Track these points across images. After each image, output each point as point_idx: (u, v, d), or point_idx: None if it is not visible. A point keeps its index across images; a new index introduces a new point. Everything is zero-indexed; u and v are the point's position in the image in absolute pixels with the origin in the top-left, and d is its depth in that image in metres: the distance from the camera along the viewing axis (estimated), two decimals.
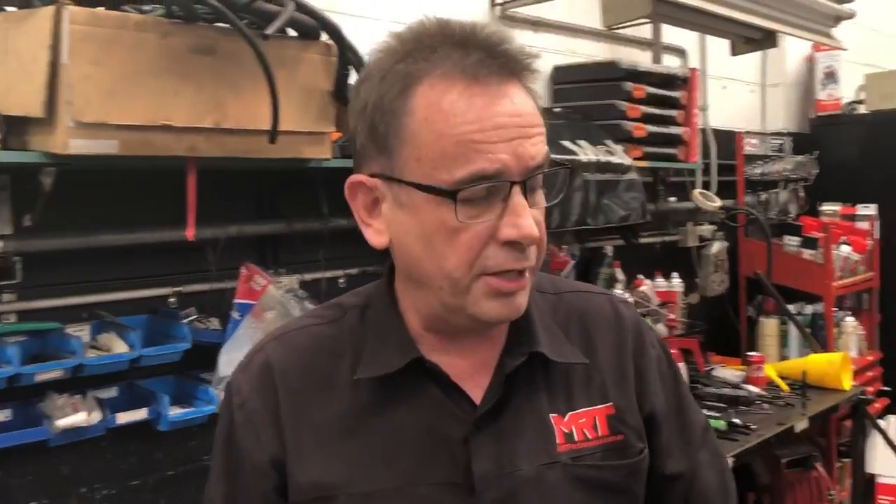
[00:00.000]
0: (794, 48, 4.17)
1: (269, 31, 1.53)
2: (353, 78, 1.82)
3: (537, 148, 0.89)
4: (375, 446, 0.93)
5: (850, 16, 3.32)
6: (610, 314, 1.05)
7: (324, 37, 1.75)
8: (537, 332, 0.97)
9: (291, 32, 1.73)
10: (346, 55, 1.75)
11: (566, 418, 0.96)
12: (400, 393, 0.94)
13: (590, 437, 0.96)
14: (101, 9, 1.49)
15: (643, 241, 3.23)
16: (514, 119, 0.87)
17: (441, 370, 0.94)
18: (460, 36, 0.89)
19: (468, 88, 0.87)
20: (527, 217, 0.87)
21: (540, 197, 0.92)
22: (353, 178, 0.94)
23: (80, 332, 1.83)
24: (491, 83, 0.87)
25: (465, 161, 0.86)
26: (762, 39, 3.08)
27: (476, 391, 0.95)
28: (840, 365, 3.11)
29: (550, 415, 0.96)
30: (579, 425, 0.96)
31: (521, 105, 0.88)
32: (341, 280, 2.31)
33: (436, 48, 0.88)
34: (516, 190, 0.87)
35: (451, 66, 0.87)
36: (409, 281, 0.95)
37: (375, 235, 0.93)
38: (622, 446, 0.97)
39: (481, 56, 0.87)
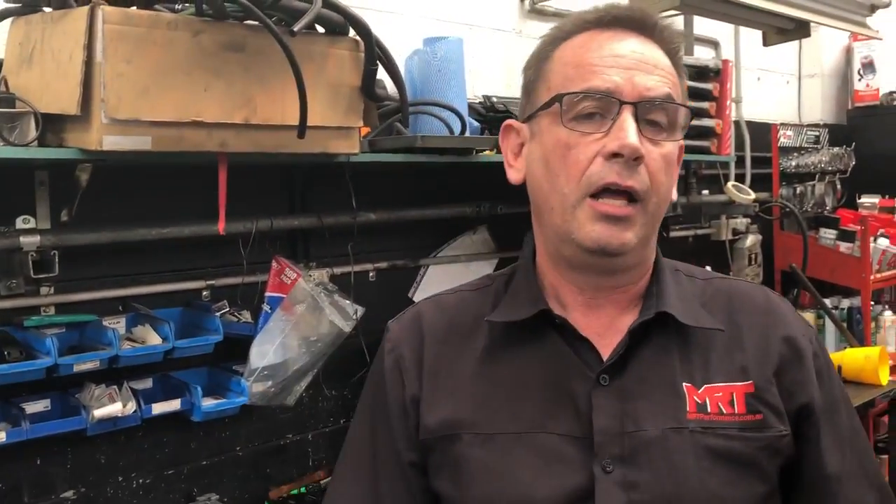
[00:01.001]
0: (830, 38, 4.10)
1: (297, 27, 1.55)
2: (380, 73, 1.83)
3: (656, 83, 0.95)
4: (502, 392, 0.99)
5: (887, 4, 3.24)
6: (761, 300, 1.05)
7: (351, 33, 1.77)
8: (669, 297, 0.99)
9: (319, 29, 1.75)
10: (374, 51, 1.77)
11: (701, 389, 0.96)
12: (529, 343, 1.00)
13: (725, 411, 0.96)
14: (133, 8, 1.52)
15: (675, 234, 3.21)
16: (635, 54, 0.96)
17: (569, 324, 0.98)
18: (605, 7, 1.00)
19: (596, 31, 0.99)
20: (631, 133, 0.92)
21: (665, 140, 0.96)
22: (507, 121, 1.06)
23: (116, 324, 1.86)
24: (619, 30, 0.98)
25: (581, 81, 0.96)
26: (794, 29, 3.02)
27: (606, 351, 0.98)
28: (878, 360, 3.06)
29: (684, 384, 0.96)
30: (714, 399, 0.96)
31: (646, 50, 0.97)
32: (371, 274, 2.33)
33: (583, 16, 1.01)
34: (626, 108, 0.93)
35: (589, 18, 1.00)
36: (536, 217, 1.03)
37: (515, 173, 1.04)
38: (760, 425, 0.96)
39: (616, 12, 0.99)
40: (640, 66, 0.95)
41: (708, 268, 2.56)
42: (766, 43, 3.17)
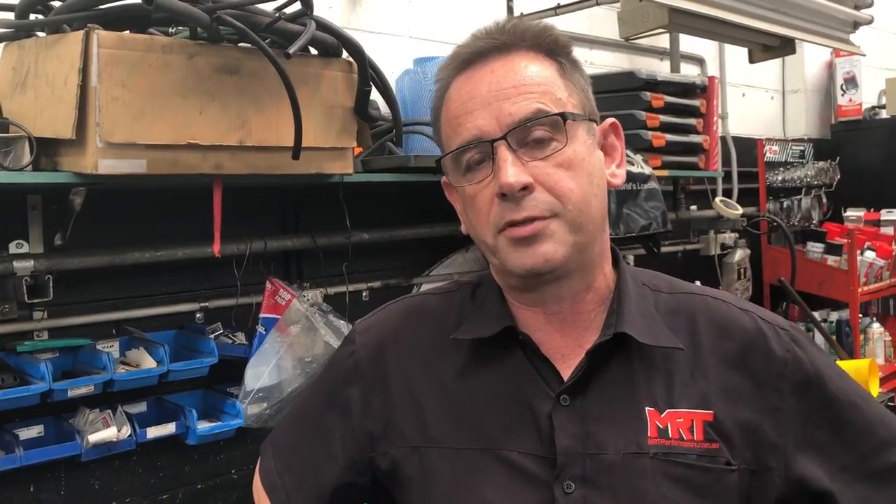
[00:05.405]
0: (813, 54, 4.16)
1: (292, 50, 1.55)
2: (373, 94, 1.84)
3: (518, 106, 0.95)
4: (468, 408, 1.00)
5: (869, 21, 3.30)
6: (725, 321, 1.02)
7: (345, 54, 1.78)
8: (627, 315, 0.98)
9: (313, 50, 1.75)
10: (367, 72, 1.78)
11: (663, 414, 0.96)
12: (494, 360, 1.01)
13: (685, 437, 0.95)
14: (128, 32, 1.53)
15: (665, 250, 3.22)
16: (492, 86, 0.97)
17: (532, 342, 0.99)
18: (457, 50, 1.01)
19: (462, 76, 0.99)
20: (506, 169, 0.94)
21: (556, 151, 0.96)
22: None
23: (110, 348, 1.85)
24: (478, 63, 0.98)
25: (455, 137, 0.99)
26: (780, 47, 3.07)
27: (568, 371, 0.98)
28: (867, 372, 3.07)
29: (647, 408, 0.96)
30: (676, 424, 0.95)
31: (505, 73, 0.97)
32: (365, 293, 2.33)
33: (447, 66, 1.02)
34: (498, 145, 0.95)
35: (450, 66, 1.01)
36: (485, 256, 1.06)
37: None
38: (715, 454, 0.95)
39: (478, 41, 0.99)
40: (499, 95, 0.95)
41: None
42: (752, 60, 3.22)
